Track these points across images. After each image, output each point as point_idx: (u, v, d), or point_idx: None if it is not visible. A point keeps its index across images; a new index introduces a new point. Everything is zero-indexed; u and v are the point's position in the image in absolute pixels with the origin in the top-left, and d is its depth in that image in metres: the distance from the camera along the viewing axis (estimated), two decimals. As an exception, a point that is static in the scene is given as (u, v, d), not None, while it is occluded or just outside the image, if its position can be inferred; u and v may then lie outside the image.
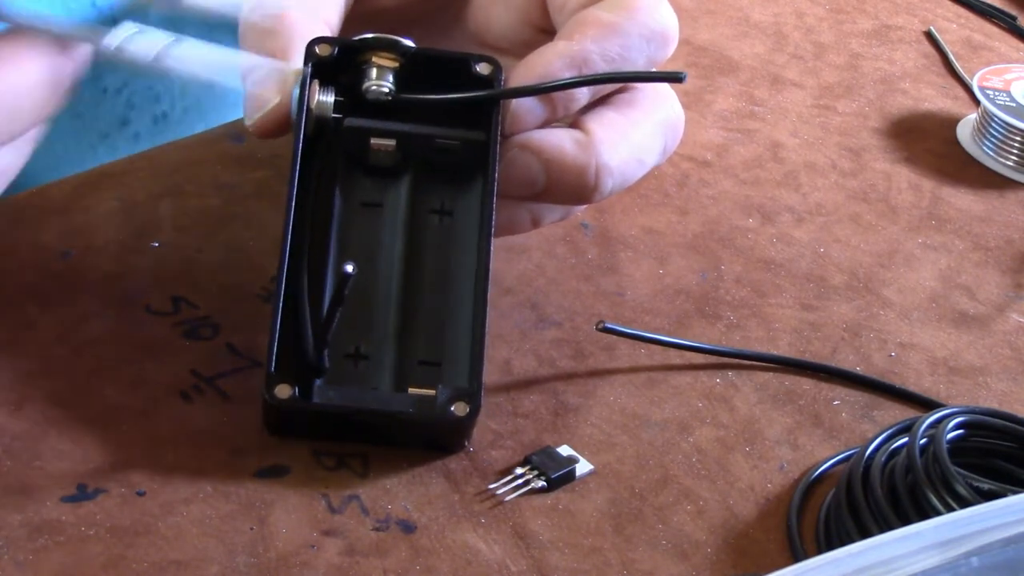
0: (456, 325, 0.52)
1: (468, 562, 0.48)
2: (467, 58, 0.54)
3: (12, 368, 0.54)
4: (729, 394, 0.56)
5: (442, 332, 0.52)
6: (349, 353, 0.51)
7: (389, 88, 0.53)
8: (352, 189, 0.54)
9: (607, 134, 0.54)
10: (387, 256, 0.53)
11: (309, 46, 0.53)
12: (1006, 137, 0.71)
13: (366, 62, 0.54)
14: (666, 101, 0.57)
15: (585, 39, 0.54)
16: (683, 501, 0.51)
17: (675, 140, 0.57)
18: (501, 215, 0.55)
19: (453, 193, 0.54)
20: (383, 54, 0.54)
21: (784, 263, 0.63)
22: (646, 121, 0.56)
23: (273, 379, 0.49)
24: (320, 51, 0.53)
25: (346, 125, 0.53)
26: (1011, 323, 0.61)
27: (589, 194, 0.54)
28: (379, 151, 0.54)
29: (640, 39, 0.54)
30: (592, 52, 0.53)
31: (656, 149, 0.56)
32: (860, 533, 0.48)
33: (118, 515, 0.48)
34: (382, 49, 0.54)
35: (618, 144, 0.54)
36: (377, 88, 0.53)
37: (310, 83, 0.52)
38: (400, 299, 0.52)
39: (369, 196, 0.54)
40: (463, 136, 0.54)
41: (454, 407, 0.49)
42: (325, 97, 0.53)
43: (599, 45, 0.54)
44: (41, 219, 0.60)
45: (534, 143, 0.53)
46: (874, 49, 0.81)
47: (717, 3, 0.84)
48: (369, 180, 0.54)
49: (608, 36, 0.54)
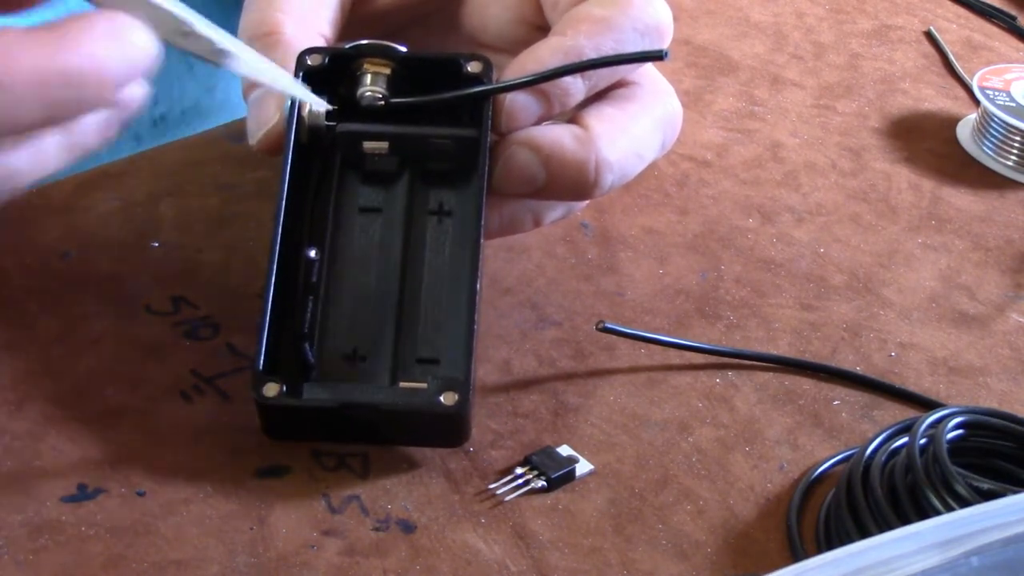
0: (454, 323, 0.52)
1: (468, 562, 0.48)
2: (457, 58, 0.54)
3: (12, 368, 0.54)
4: (729, 394, 0.56)
5: (440, 330, 0.52)
6: (347, 354, 0.51)
7: (382, 93, 0.54)
8: (350, 195, 0.54)
9: (605, 129, 0.54)
10: (385, 259, 0.53)
11: (300, 56, 0.54)
12: (1006, 137, 0.71)
13: (359, 69, 0.54)
14: (664, 96, 0.57)
15: (579, 34, 0.54)
16: (683, 501, 0.51)
17: (673, 134, 0.58)
18: (503, 214, 0.56)
19: (451, 194, 0.54)
20: (375, 60, 0.54)
21: (784, 263, 0.63)
22: (644, 116, 0.56)
23: (261, 378, 0.49)
24: (311, 61, 0.54)
25: (339, 131, 0.54)
26: (1011, 323, 0.61)
27: (589, 190, 0.54)
28: (374, 155, 0.54)
29: (634, 33, 0.54)
30: (586, 47, 0.54)
31: (655, 143, 0.56)
32: (860, 533, 0.48)
33: (118, 515, 0.48)
34: (373, 55, 0.54)
35: (617, 139, 0.54)
36: (371, 94, 0.54)
37: None
38: (398, 300, 0.52)
39: (367, 201, 0.54)
40: (455, 134, 0.54)
41: (442, 397, 0.49)
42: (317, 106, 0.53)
43: (593, 40, 0.54)
44: (41, 219, 0.60)
45: (533, 139, 0.54)
46: (874, 49, 0.81)
47: (717, 3, 0.84)
48: (367, 186, 0.55)
49: (602, 31, 0.54)
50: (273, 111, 0.54)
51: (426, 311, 0.52)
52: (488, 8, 0.60)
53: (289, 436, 0.51)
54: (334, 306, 0.52)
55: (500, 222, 0.56)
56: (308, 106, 0.53)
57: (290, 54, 0.54)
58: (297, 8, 0.56)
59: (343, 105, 0.54)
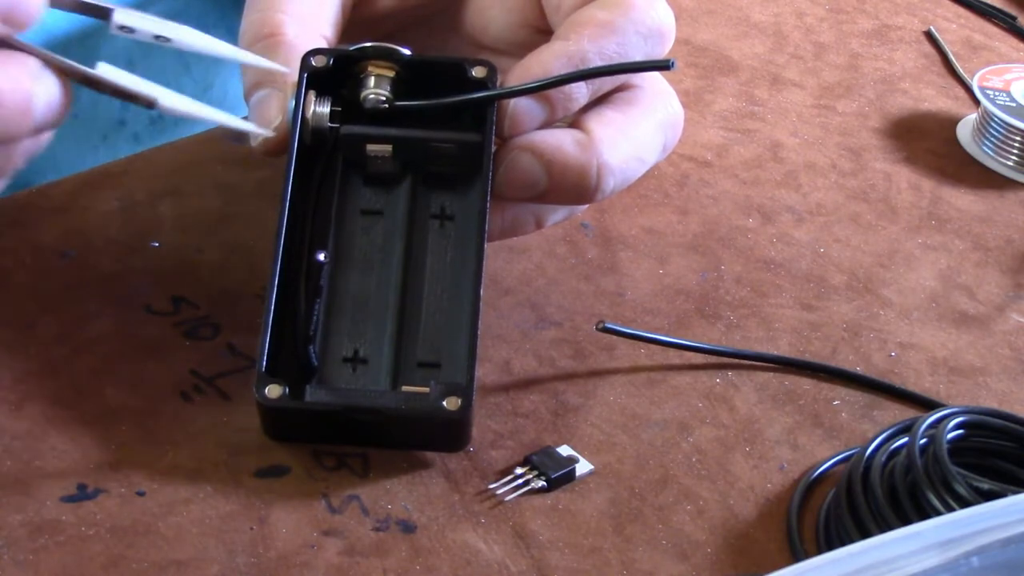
0: (456, 326, 0.52)
1: (468, 562, 0.48)
2: (462, 62, 0.54)
3: (12, 368, 0.54)
4: (729, 394, 0.56)
5: (441, 334, 0.52)
6: (348, 357, 0.51)
7: (386, 96, 0.54)
8: (352, 197, 0.54)
9: (607, 133, 0.54)
10: (386, 261, 0.53)
11: (304, 58, 0.54)
12: (1006, 137, 0.71)
13: (363, 72, 0.54)
14: (665, 99, 0.57)
15: (582, 39, 0.54)
16: (683, 501, 0.51)
17: (675, 137, 0.58)
18: (505, 217, 0.56)
19: (453, 198, 0.54)
20: (379, 63, 0.54)
21: (784, 263, 0.63)
22: (646, 119, 0.56)
23: (264, 379, 0.49)
24: (315, 62, 0.54)
25: (342, 133, 0.54)
26: (1011, 323, 0.61)
27: (591, 193, 0.54)
28: (377, 159, 0.54)
29: (637, 36, 0.54)
30: (589, 51, 0.54)
31: (656, 147, 0.56)
32: (860, 533, 0.48)
33: (118, 515, 0.48)
34: (378, 58, 0.54)
35: (619, 143, 0.54)
36: (375, 97, 0.54)
37: (306, 94, 0.53)
38: (399, 303, 0.52)
39: (369, 204, 0.54)
40: (458, 139, 0.54)
41: (445, 402, 0.49)
42: (321, 108, 0.54)
43: (596, 44, 0.54)
44: (41, 219, 0.60)
45: (534, 144, 0.53)
46: (874, 49, 0.81)
47: (717, 3, 0.84)
48: (369, 189, 0.55)
49: (605, 35, 0.54)
50: (276, 112, 0.54)
51: (427, 315, 0.52)
52: (490, 11, 0.60)
53: (290, 438, 0.51)
54: (335, 308, 0.52)
55: (502, 225, 0.56)
56: (311, 107, 0.53)
57: (293, 56, 0.54)
58: (299, 9, 0.56)
59: (346, 107, 0.54)
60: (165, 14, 0.52)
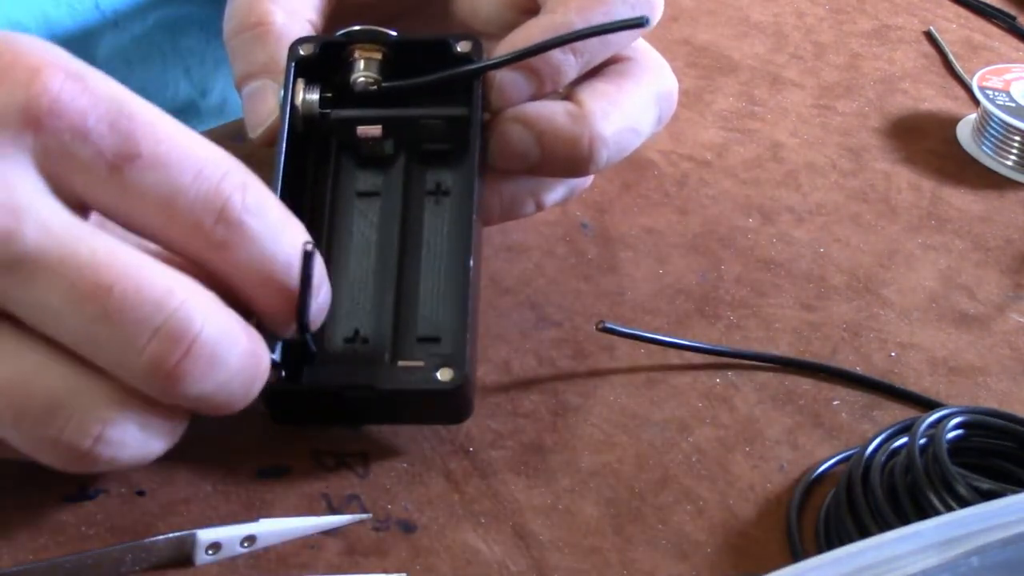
0: (453, 300, 0.52)
1: (468, 562, 0.48)
2: (447, 39, 0.55)
3: (12, 368, 0.54)
4: (729, 394, 0.56)
5: (440, 308, 0.52)
6: (349, 337, 0.51)
7: (375, 78, 0.54)
8: (347, 181, 0.55)
9: (599, 104, 0.54)
10: (384, 241, 0.53)
11: (292, 46, 0.54)
12: (1006, 137, 0.71)
13: (351, 56, 0.55)
14: (658, 71, 0.57)
15: (569, 11, 0.54)
16: (683, 501, 0.51)
17: (670, 108, 0.58)
18: (503, 195, 0.56)
19: (448, 173, 0.55)
20: (366, 46, 0.55)
21: (784, 263, 0.63)
22: (638, 91, 0.56)
23: None
24: (303, 50, 0.54)
25: (332, 118, 0.54)
26: (1011, 323, 0.61)
27: (584, 165, 0.54)
28: (369, 140, 0.54)
29: (624, 6, 0.54)
30: (576, 23, 0.54)
31: (650, 118, 0.56)
32: (860, 533, 0.48)
33: (118, 515, 0.48)
34: (365, 41, 0.55)
35: (611, 114, 0.54)
36: (364, 79, 0.54)
37: (295, 82, 0.53)
38: (397, 280, 0.53)
39: (365, 186, 0.55)
40: (446, 114, 0.54)
41: (439, 373, 0.49)
42: (311, 95, 0.54)
43: (583, 15, 0.54)
44: (41, 219, 0.60)
45: (526, 115, 0.54)
46: (874, 49, 0.81)
47: (717, 3, 0.84)
48: (364, 171, 0.55)
49: (592, 5, 0.54)
50: (272, 103, 0.54)
51: (425, 290, 0.52)
52: None
53: (293, 420, 0.52)
54: (335, 290, 0.52)
55: (501, 204, 0.56)
56: (300, 95, 0.53)
57: (281, 44, 0.54)
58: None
59: (337, 93, 0.55)
60: (170, 17, 0.52)
